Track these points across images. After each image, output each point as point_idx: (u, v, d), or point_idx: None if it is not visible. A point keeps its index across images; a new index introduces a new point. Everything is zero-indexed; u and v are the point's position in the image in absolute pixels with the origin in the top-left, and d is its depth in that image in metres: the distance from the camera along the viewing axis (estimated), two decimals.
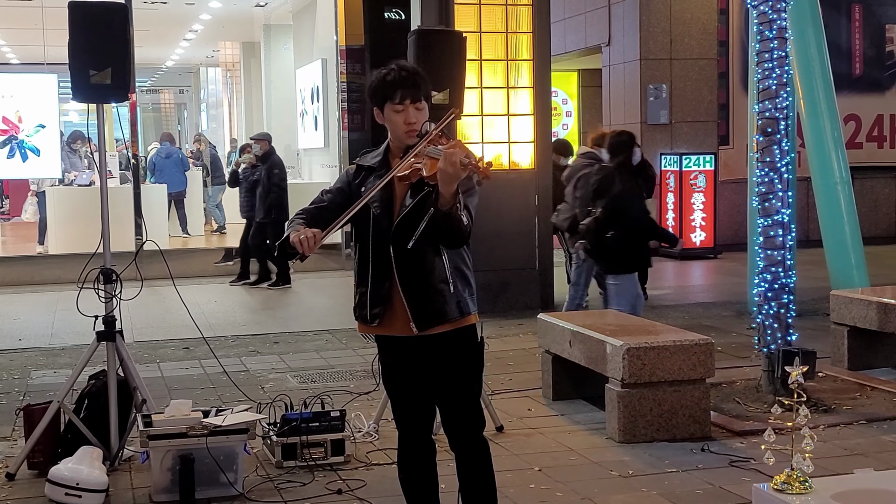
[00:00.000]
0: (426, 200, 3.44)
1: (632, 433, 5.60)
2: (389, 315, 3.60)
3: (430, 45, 5.87)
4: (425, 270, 3.55)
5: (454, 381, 3.65)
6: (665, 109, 14.57)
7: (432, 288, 3.55)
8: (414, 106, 3.54)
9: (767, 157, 6.38)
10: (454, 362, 3.63)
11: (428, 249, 3.53)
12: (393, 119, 3.56)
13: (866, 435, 5.73)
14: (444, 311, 3.56)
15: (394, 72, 3.56)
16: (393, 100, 3.53)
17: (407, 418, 3.75)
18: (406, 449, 3.79)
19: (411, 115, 3.54)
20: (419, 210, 3.47)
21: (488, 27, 9.88)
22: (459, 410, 3.66)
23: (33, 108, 13.29)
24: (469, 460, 3.68)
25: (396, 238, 3.53)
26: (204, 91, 28.56)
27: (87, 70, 5.25)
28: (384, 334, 3.68)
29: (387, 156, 3.64)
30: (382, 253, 3.57)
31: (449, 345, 3.61)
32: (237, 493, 4.85)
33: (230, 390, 6.74)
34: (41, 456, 5.20)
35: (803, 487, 3.17)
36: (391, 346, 3.70)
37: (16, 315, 10.29)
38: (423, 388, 3.70)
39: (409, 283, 3.54)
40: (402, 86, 3.53)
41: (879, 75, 15.89)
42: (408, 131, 3.54)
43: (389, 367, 3.75)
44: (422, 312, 3.55)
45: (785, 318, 6.36)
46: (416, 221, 3.48)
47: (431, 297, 3.55)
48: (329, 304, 10.92)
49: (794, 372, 3.28)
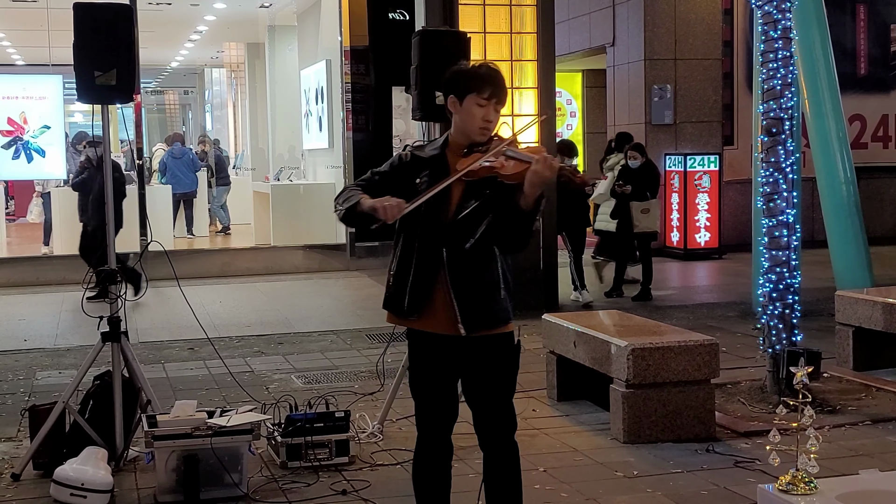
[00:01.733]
0: (490, 202, 3.46)
1: (636, 434, 5.60)
2: (430, 311, 3.56)
3: (434, 46, 5.87)
4: (480, 272, 3.53)
5: (489, 384, 3.62)
6: (669, 110, 14.56)
7: (485, 291, 3.54)
8: (495, 107, 3.56)
9: (772, 157, 6.38)
10: (491, 366, 3.60)
11: (484, 251, 3.52)
12: (472, 111, 3.55)
13: (871, 435, 5.72)
14: (494, 315, 3.55)
15: (486, 67, 3.61)
16: (481, 93, 3.53)
17: (430, 417, 3.70)
18: (425, 449, 3.75)
19: (491, 113, 3.55)
20: (481, 212, 3.48)
21: (492, 28, 9.88)
22: (493, 412, 3.63)
23: (38, 110, 13.32)
24: (498, 461, 3.65)
25: (451, 236, 3.51)
26: (208, 92, 28.56)
27: (92, 71, 5.25)
28: (421, 330, 3.63)
29: (444, 150, 3.62)
30: (430, 248, 3.54)
31: (489, 347, 3.58)
32: (242, 494, 4.86)
33: (235, 391, 6.74)
34: (46, 456, 5.21)
35: (808, 488, 3.16)
36: (427, 343, 3.64)
37: (21, 316, 10.31)
38: (450, 387, 3.67)
39: (460, 284, 3.52)
40: (493, 83, 3.55)
41: (884, 75, 15.88)
42: (482, 127, 3.55)
43: (421, 364, 3.70)
44: (472, 314, 3.52)
45: (790, 319, 6.35)
46: (475, 222, 3.48)
47: (484, 301, 3.53)
48: (334, 304, 10.93)
49: (799, 372, 3.28)
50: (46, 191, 14.63)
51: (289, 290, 11.94)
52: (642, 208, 10.47)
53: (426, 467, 3.77)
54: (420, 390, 3.72)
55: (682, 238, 14.28)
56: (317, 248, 13.84)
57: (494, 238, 3.50)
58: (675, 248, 14.31)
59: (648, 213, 10.49)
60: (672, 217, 14.37)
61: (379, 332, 8.88)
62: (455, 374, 3.66)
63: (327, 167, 15.55)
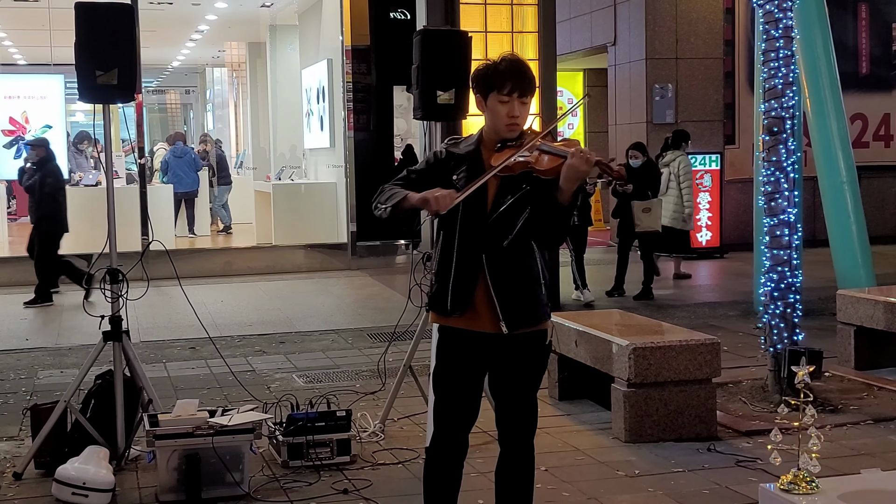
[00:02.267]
0: (526, 198, 3.43)
1: (638, 433, 5.60)
2: (472, 310, 3.53)
3: (435, 46, 5.88)
4: (519, 269, 3.51)
5: (517, 381, 3.60)
6: (671, 109, 14.56)
7: (525, 288, 3.52)
8: (520, 100, 3.52)
9: (773, 156, 6.38)
10: (524, 361, 3.58)
11: (523, 248, 3.50)
12: (496, 109, 3.52)
13: (873, 435, 5.72)
14: (535, 312, 3.54)
15: (506, 62, 3.54)
16: (501, 90, 3.50)
17: (451, 415, 3.64)
18: (440, 446, 3.68)
19: (515, 109, 3.51)
20: (518, 207, 3.46)
21: (494, 27, 9.88)
22: (518, 411, 3.63)
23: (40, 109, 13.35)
24: (515, 459, 3.66)
25: (490, 233, 3.50)
26: (210, 91, 28.57)
27: (94, 71, 5.25)
28: (462, 328, 3.58)
29: (479, 146, 3.60)
30: (470, 246, 3.52)
31: (524, 345, 3.56)
32: (243, 493, 4.86)
33: (236, 390, 6.75)
34: (48, 455, 5.21)
35: (810, 487, 3.17)
36: (464, 341, 3.59)
37: (23, 315, 10.31)
38: (476, 386, 3.64)
39: (501, 282, 3.49)
40: (512, 77, 3.50)
41: (886, 74, 15.86)
42: (509, 124, 3.52)
43: (452, 362, 3.63)
44: (514, 312, 3.50)
45: (791, 318, 6.35)
46: (512, 218, 3.46)
47: (524, 298, 3.51)
48: (335, 303, 10.93)
49: (801, 372, 3.28)
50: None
51: (290, 289, 11.94)
52: (643, 207, 10.47)
53: (439, 465, 3.70)
54: (445, 388, 3.65)
55: None
56: (318, 247, 13.84)
57: (532, 233, 3.47)
58: None
59: (650, 213, 10.49)
60: None
61: (380, 332, 8.88)
62: (484, 372, 3.64)
63: (329, 166, 15.55)
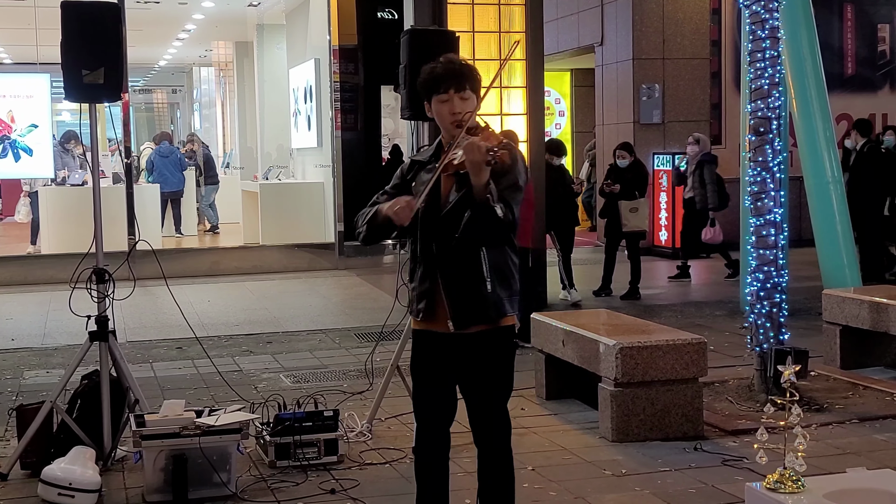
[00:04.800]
0: (467, 195, 3.44)
1: (625, 432, 5.61)
2: (432, 311, 3.61)
3: (422, 45, 5.86)
4: (466, 268, 3.55)
5: (484, 381, 3.64)
6: (658, 109, 14.59)
7: (471, 286, 3.55)
8: (458, 96, 3.54)
9: (760, 156, 6.40)
10: (487, 362, 3.62)
11: (469, 247, 3.53)
12: (439, 111, 3.57)
13: (858, 434, 5.74)
14: (481, 310, 3.56)
15: (441, 64, 3.59)
16: (438, 91, 3.55)
17: (428, 413, 3.74)
18: (424, 442, 3.78)
19: (456, 105, 3.54)
20: (462, 205, 3.46)
21: (481, 27, 9.88)
22: (487, 409, 3.66)
23: (26, 108, 13.27)
24: (491, 458, 3.69)
25: (441, 233, 3.52)
26: (197, 91, 28.49)
27: (80, 70, 5.24)
28: (424, 329, 3.67)
29: (438, 150, 3.65)
30: (427, 248, 3.58)
31: (482, 344, 3.60)
32: (230, 493, 4.85)
33: (223, 390, 6.73)
34: (34, 456, 5.19)
35: (796, 486, 3.18)
36: (428, 342, 3.68)
37: (8, 315, 10.27)
38: (449, 385, 3.71)
39: (450, 281, 3.55)
40: (447, 76, 3.55)
41: (871, 75, 15.93)
42: (452, 121, 3.55)
43: (422, 362, 3.73)
44: (459, 311, 3.55)
45: (777, 318, 6.37)
46: (458, 216, 3.47)
47: (469, 296, 3.55)
48: (322, 303, 10.92)
49: (787, 371, 3.29)
50: (34, 190, 14.57)
51: (277, 289, 11.92)
52: (631, 207, 10.49)
53: (426, 459, 3.80)
54: (419, 387, 3.76)
55: (670, 237, 14.30)
56: (305, 247, 13.82)
57: (471, 231, 3.48)
58: (664, 247, 14.33)
59: (637, 212, 10.51)
60: (660, 216, 14.40)
61: (368, 331, 8.87)
62: (456, 371, 3.69)
63: (316, 166, 15.53)
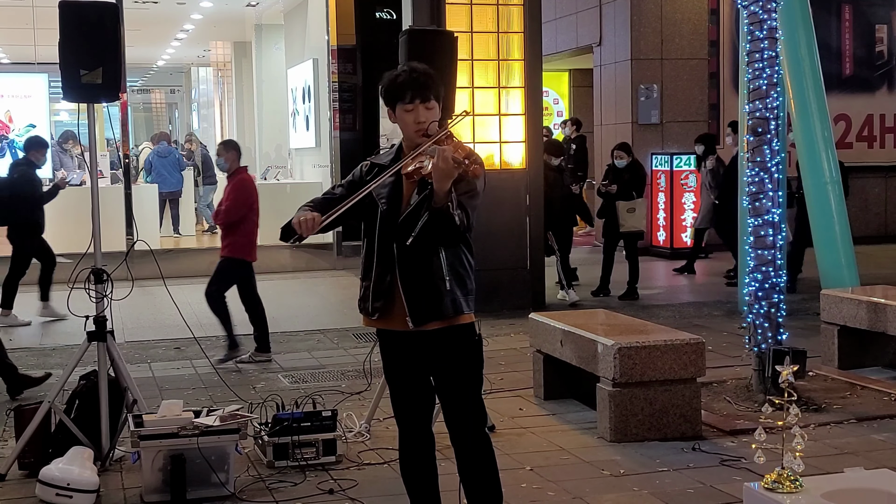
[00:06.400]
0: (427, 199, 3.50)
1: (623, 432, 5.61)
2: (390, 310, 3.67)
3: (421, 46, 5.87)
4: (424, 267, 3.61)
5: (452, 378, 3.70)
6: (656, 109, 14.59)
7: (429, 285, 3.60)
8: (424, 105, 3.61)
9: (758, 156, 6.40)
10: (450, 359, 3.68)
11: (427, 247, 3.58)
12: (403, 119, 3.63)
13: (856, 434, 5.75)
14: (438, 308, 3.61)
15: (404, 73, 3.65)
16: (403, 100, 3.60)
17: (405, 411, 3.81)
18: (405, 441, 3.85)
19: (421, 115, 3.61)
20: (419, 208, 3.53)
21: (479, 27, 9.88)
22: (459, 406, 3.71)
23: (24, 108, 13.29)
24: (470, 455, 3.71)
25: (400, 234, 3.58)
26: (195, 91, 28.52)
27: (78, 70, 5.24)
28: (384, 328, 3.75)
29: (399, 155, 3.70)
30: (387, 249, 3.64)
31: (444, 341, 3.66)
32: (228, 494, 4.85)
33: (221, 390, 6.73)
34: (32, 456, 5.19)
35: (794, 486, 3.18)
36: (390, 340, 3.77)
37: None
38: (420, 382, 3.76)
39: (408, 279, 3.61)
40: (412, 86, 3.60)
41: (869, 75, 15.93)
42: (417, 130, 3.60)
43: (389, 361, 3.82)
44: (417, 308, 3.61)
45: (775, 318, 6.37)
46: (416, 219, 3.53)
47: (427, 294, 3.61)
48: (320, 303, 10.92)
49: (785, 371, 3.29)
50: None
51: (276, 289, 11.90)
52: (628, 207, 10.49)
53: (410, 459, 3.86)
54: (393, 386, 3.83)
55: (668, 237, 14.31)
56: (304, 247, 13.80)
57: (429, 233, 3.53)
58: (662, 248, 14.34)
59: (634, 213, 10.51)
60: (658, 216, 14.40)
61: (366, 332, 8.86)
62: (423, 368, 3.75)
63: (314, 166, 15.55)
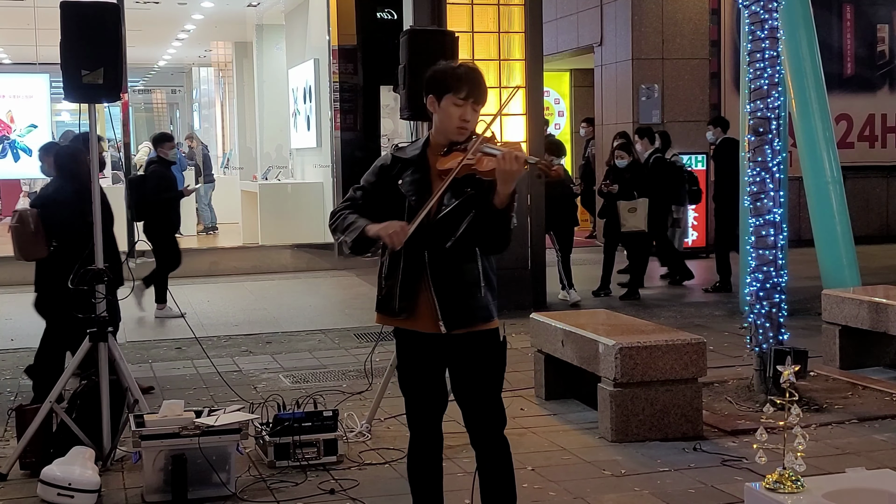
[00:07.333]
0: (469, 202, 3.45)
1: (624, 432, 5.61)
2: (415, 310, 3.59)
3: (422, 45, 5.86)
4: (460, 271, 3.55)
5: (477, 380, 3.65)
6: (657, 109, 14.59)
7: (465, 290, 3.55)
8: (473, 107, 3.57)
9: (759, 156, 6.40)
10: (476, 362, 3.63)
11: (464, 251, 3.53)
12: (449, 111, 3.56)
13: (858, 434, 5.74)
14: (473, 313, 3.57)
15: (465, 68, 3.61)
16: (458, 93, 3.54)
17: (420, 412, 3.75)
18: (416, 442, 3.80)
19: (468, 114, 3.56)
20: (461, 210, 3.47)
21: (480, 27, 9.88)
22: (481, 409, 3.66)
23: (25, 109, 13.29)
24: (491, 458, 3.69)
25: (433, 235, 3.52)
26: (196, 91, 28.52)
27: (79, 70, 5.24)
28: (407, 329, 3.67)
29: (425, 150, 3.63)
30: (415, 248, 3.55)
31: (471, 346, 3.61)
32: (230, 493, 4.85)
33: (223, 390, 6.74)
34: (33, 456, 5.19)
35: (795, 486, 3.18)
36: (412, 341, 3.68)
37: (7, 315, 10.25)
38: (437, 383, 3.71)
39: (441, 283, 3.54)
40: (470, 83, 3.56)
41: (871, 75, 15.92)
42: (460, 127, 3.55)
43: (408, 362, 3.74)
44: (452, 313, 3.55)
45: (776, 318, 6.37)
46: (455, 221, 3.48)
47: (463, 299, 3.55)
48: (322, 303, 10.92)
49: (786, 371, 3.29)
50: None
51: (277, 289, 11.92)
52: (629, 207, 10.49)
53: (420, 461, 3.81)
54: (409, 387, 3.76)
55: None
56: (305, 247, 13.82)
57: (475, 238, 3.49)
58: None
59: (636, 213, 10.51)
60: None
61: (367, 332, 8.87)
62: (441, 370, 3.71)
63: (315, 166, 15.54)
